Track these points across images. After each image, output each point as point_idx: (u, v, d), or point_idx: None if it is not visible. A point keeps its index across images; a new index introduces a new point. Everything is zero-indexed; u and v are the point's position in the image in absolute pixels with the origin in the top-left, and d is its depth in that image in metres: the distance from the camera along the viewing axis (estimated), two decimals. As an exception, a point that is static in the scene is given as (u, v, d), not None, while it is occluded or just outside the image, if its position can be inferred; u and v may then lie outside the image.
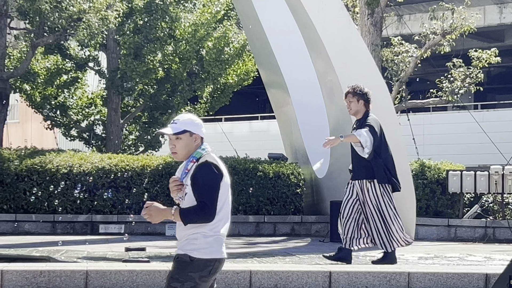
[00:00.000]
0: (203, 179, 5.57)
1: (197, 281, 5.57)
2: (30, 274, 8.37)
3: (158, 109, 25.01)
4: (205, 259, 5.58)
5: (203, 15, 23.55)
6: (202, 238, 5.60)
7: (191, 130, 5.72)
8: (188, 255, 5.62)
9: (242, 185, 16.47)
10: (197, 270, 5.59)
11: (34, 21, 20.14)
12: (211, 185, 5.57)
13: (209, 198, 5.54)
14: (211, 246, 5.59)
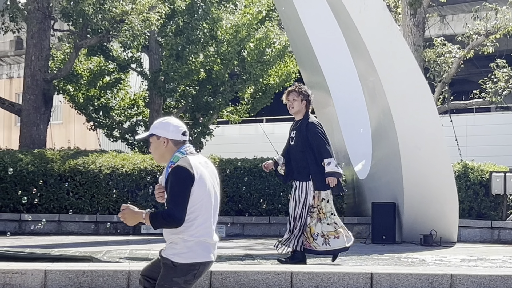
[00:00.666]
0: (171, 184, 5.58)
1: (183, 285, 5.62)
2: (73, 274, 8.45)
3: (199, 110, 25.08)
4: (188, 264, 5.61)
5: (245, 16, 23.58)
6: (182, 243, 5.63)
7: (157, 134, 5.74)
8: (171, 260, 5.64)
9: (283, 186, 16.44)
10: (181, 274, 5.62)
11: (78, 23, 20.33)
12: (177, 190, 5.55)
13: (174, 203, 5.54)
14: (191, 251, 5.61)
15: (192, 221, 5.60)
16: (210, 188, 5.71)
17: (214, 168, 5.92)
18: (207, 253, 5.67)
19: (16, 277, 8.35)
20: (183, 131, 5.80)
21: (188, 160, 5.65)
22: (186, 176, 5.56)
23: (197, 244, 5.63)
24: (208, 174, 5.76)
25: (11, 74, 45.35)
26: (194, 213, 5.60)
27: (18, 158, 16.13)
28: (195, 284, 8.43)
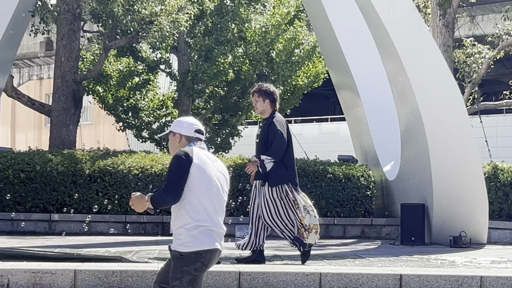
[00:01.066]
0: (169, 167, 5.99)
1: (193, 273, 5.82)
2: (102, 274, 8.50)
3: (228, 111, 25.11)
4: (194, 252, 5.82)
5: (273, 17, 23.58)
6: (185, 233, 5.86)
7: (173, 130, 6.23)
8: (178, 251, 5.86)
9: (311, 187, 16.43)
10: (189, 263, 5.82)
11: (107, 24, 20.43)
12: (172, 169, 5.93)
13: (168, 181, 5.90)
14: (196, 239, 5.83)
15: (191, 204, 5.88)
16: (212, 178, 5.99)
17: (223, 166, 6.23)
18: (211, 241, 5.88)
19: (46, 276, 8.42)
20: (196, 129, 6.21)
21: (191, 149, 6.03)
22: (183, 159, 5.92)
23: (201, 233, 5.84)
24: (214, 167, 6.07)
25: (41, 75, 45.68)
26: (193, 196, 5.89)
27: (48, 159, 16.23)
28: (223, 284, 8.46)
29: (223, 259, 10.23)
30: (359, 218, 16.43)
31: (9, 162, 16.08)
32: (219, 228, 5.98)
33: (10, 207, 15.86)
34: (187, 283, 5.80)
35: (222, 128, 25.72)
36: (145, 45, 24.75)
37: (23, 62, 44.84)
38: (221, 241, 5.99)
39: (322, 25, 18.04)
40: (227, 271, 8.65)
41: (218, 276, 8.56)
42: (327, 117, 39.54)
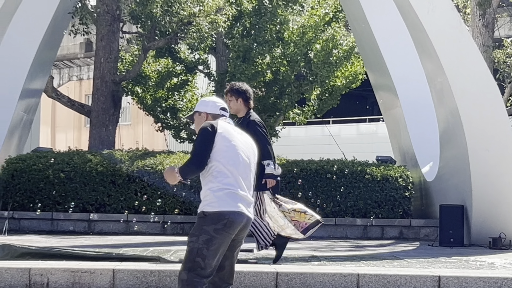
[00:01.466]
0: (195, 138, 6.21)
1: (212, 234, 5.92)
2: (140, 273, 8.55)
3: (266, 111, 25.10)
4: (217, 212, 5.96)
5: (312, 17, 23.55)
6: (211, 194, 6.03)
7: (199, 110, 6.44)
8: (202, 211, 6.03)
9: (349, 187, 16.40)
10: (211, 223, 5.95)
11: (146, 25, 20.54)
12: (197, 140, 6.15)
13: (193, 150, 6.13)
14: (221, 200, 5.98)
15: (218, 171, 6.05)
16: (238, 147, 6.16)
17: (250, 139, 6.41)
18: (235, 203, 6.02)
19: (85, 276, 8.49)
20: (221, 107, 6.42)
21: (216, 121, 6.24)
22: (208, 129, 6.12)
23: (226, 195, 6.00)
24: (240, 139, 6.25)
25: (81, 76, 46.03)
26: (220, 161, 6.06)
27: (88, 159, 16.37)
28: (260, 284, 8.46)
29: (260, 259, 10.25)
30: (397, 219, 16.36)
31: (49, 162, 16.24)
32: (245, 195, 6.10)
33: (50, 207, 16.02)
34: (203, 241, 5.92)
35: (260, 129, 25.68)
36: (184, 46, 24.84)
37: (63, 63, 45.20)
38: (248, 208, 6.12)
39: (360, 26, 17.99)
40: (265, 271, 8.66)
41: (255, 277, 8.57)
42: (365, 118, 39.39)
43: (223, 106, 6.44)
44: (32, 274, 8.50)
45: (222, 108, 6.42)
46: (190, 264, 5.93)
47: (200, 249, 5.91)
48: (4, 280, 8.44)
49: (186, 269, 5.96)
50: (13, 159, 16.47)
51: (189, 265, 5.94)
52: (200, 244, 5.91)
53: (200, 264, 5.90)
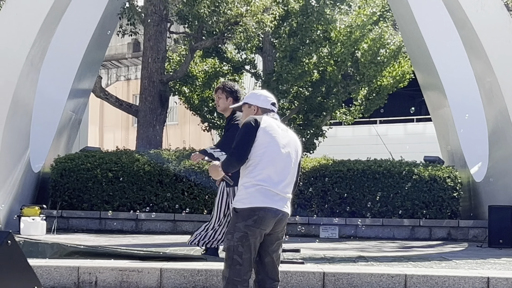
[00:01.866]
0: (238, 131, 6.21)
1: (244, 230, 5.97)
2: (188, 272, 8.57)
3: (312, 111, 25.06)
4: (247, 208, 5.99)
5: (359, 16, 23.45)
6: (243, 190, 6.07)
7: (249, 102, 6.45)
8: (234, 207, 6.09)
9: (397, 188, 16.30)
10: (242, 220, 6.00)
11: (193, 25, 20.62)
12: (239, 133, 6.15)
13: (235, 144, 6.14)
14: (252, 196, 6.00)
15: (254, 165, 6.08)
16: (279, 144, 6.15)
17: (295, 136, 6.41)
18: (267, 200, 6.02)
19: (133, 275, 8.54)
20: (272, 102, 6.47)
21: (261, 116, 6.26)
22: (251, 124, 6.14)
23: (258, 191, 6.01)
24: (283, 135, 6.24)
25: (129, 76, 46.33)
26: (257, 157, 6.08)
27: (135, 158, 16.47)
28: (307, 285, 8.44)
29: (307, 259, 10.24)
30: (445, 220, 16.22)
31: (97, 162, 16.38)
32: (280, 191, 6.10)
33: (98, 206, 16.15)
34: (237, 238, 5.98)
35: (306, 129, 25.67)
36: (231, 45, 24.90)
37: (111, 63, 45.54)
38: (283, 203, 6.13)
39: (408, 25, 17.88)
40: (311, 271, 8.63)
41: (302, 277, 8.55)
42: (412, 118, 39.11)
43: (273, 101, 6.47)
44: (80, 273, 8.57)
45: (272, 103, 6.46)
46: (230, 261, 6.03)
47: (235, 246, 5.99)
48: (53, 279, 8.52)
49: (227, 266, 6.06)
50: (62, 159, 16.64)
51: (229, 262, 6.04)
52: (235, 241, 5.99)
53: (238, 261, 5.98)
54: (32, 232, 14.01)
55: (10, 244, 7.20)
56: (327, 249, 12.61)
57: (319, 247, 12.96)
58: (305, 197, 16.24)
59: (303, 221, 16.06)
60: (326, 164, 16.66)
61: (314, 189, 16.28)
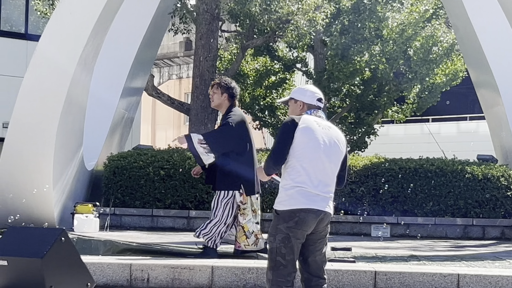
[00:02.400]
0: (277, 133, 6.18)
1: (286, 232, 5.97)
2: (239, 270, 8.59)
3: (364, 109, 24.97)
4: (288, 210, 5.98)
5: (411, 14, 23.28)
6: (283, 192, 6.07)
7: (295, 97, 6.37)
8: (275, 209, 6.09)
9: (449, 186, 16.16)
10: (283, 221, 5.99)
11: (245, 24, 20.66)
12: (278, 135, 6.15)
13: (273, 146, 6.16)
14: (292, 198, 5.98)
15: (293, 167, 6.04)
16: (319, 143, 6.07)
17: (339, 134, 6.29)
18: (307, 201, 5.98)
19: (185, 272, 8.58)
20: (318, 98, 6.37)
21: (300, 116, 6.20)
22: (288, 124, 6.10)
23: (297, 192, 5.98)
24: (324, 133, 6.13)
25: (181, 74, 46.59)
26: (295, 159, 6.04)
27: (187, 157, 16.54)
28: (358, 283, 8.41)
29: (358, 258, 10.20)
30: (499, 219, 16.04)
31: (150, 160, 16.49)
32: (320, 191, 6.05)
33: (150, 203, 16.26)
34: (279, 240, 5.97)
35: (358, 127, 25.59)
36: (282, 44, 24.90)
37: (163, 62, 45.83)
38: (325, 203, 6.08)
39: (461, 22, 17.71)
40: (363, 270, 8.60)
41: (353, 276, 8.52)
42: (465, 116, 38.75)
43: (320, 97, 6.38)
44: (133, 270, 8.64)
45: (318, 99, 6.38)
46: (273, 263, 6.02)
47: (278, 248, 5.99)
48: (106, 275, 8.60)
49: (270, 268, 6.05)
50: (115, 157, 16.79)
51: (272, 264, 6.02)
52: (278, 243, 5.99)
53: (281, 263, 5.97)
54: (85, 229, 14.17)
55: (64, 241, 7.29)
56: (379, 248, 12.56)
57: (371, 246, 12.91)
58: (356, 195, 16.17)
59: (354, 219, 16.00)
60: (377, 163, 16.57)
61: (366, 188, 16.21)
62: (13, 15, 26.44)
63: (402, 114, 25.78)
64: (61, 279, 7.22)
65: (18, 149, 14.11)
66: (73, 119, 14.93)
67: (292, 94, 6.41)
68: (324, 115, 6.40)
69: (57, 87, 13.92)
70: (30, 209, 14.27)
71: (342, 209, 16.08)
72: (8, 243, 7.49)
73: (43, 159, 14.02)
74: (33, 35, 24.47)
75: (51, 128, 13.88)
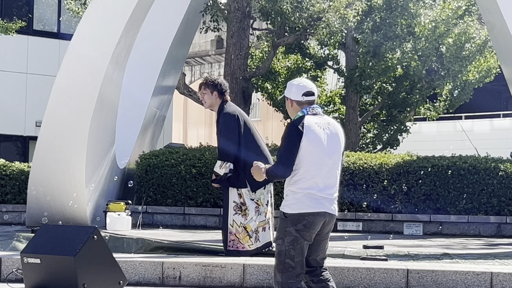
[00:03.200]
0: (281, 140, 6.03)
1: (295, 234, 5.97)
2: (270, 268, 8.58)
3: (396, 107, 24.87)
4: (297, 214, 5.98)
5: (444, 11, 23.14)
6: (291, 195, 6.04)
7: (286, 95, 6.24)
8: (283, 212, 6.08)
9: (482, 184, 16.04)
10: (292, 224, 5.99)
11: (276, 22, 20.64)
12: (284, 145, 5.98)
13: (280, 155, 5.99)
14: (299, 202, 5.98)
15: (300, 175, 5.99)
16: (324, 149, 6.01)
17: (337, 129, 6.16)
18: (315, 205, 6.00)
19: (216, 270, 8.60)
20: (305, 92, 6.14)
21: (301, 119, 6.02)
22: (294, 132, 5.96)
23: (305, 196, 5.99)
24: (325, 135, 6.04)
25: (212, 72, 46.63)
26: (302, 167, 5.98)
27: (218, 155, 16.55)
28: (390, 282, 8.38)
29: (390, 256, 10.16)
30: (533, 217, 15.91)
31: (181, 158, 16.53)
32: (326, 194, 6.04)
33: (182, 201, 16.30)
34: (288, 243, 5.98)
35: (390, 125, 25.49)
36: (313, 41, 24.85)
37: (195, 60, 45.92)
38: (330, 205, 6.07)
39: (494, 18, 17.56)
40: (395, 268, 8.56)
41: (385, 274, 8.49)
42: (499, 113, 38.47)
43: (307, 91, 6.14)
44: (165, 268, 8.67)
45: (306, 93, 6.13)
46: (282, 266, 6.01)
47: (287, 250, 5.99)
48: (138, 273, 8.64)
49: (279, 271, 6.03)
50: (147, 155, 16.85)
51: (281, 267, 6.01)
52: (287, 245, 5.99)
53: (290, 265, 5.98)
54: (117, 227, 14.24)
55: (96, 239, 7.33)
56: (411, 246, 12.50)
57: (403, 244, 12.85)
58: (388, 193, 16.10)
59: (386, 217, 15.93)
60: (410, 161, 16.49)
61: (398, 186, 16.14)
62: (46, 15, 26.64)
63: (435, 111, 25.64)
64: (93, 277, 7.26)
65: (51, 148, 14.21)
66: (106, 117, 15.01)
67: (285, 91, 6.29)
68: (320, 109, 6.17)
69: (89, 85, 14.00)
70: (63, 207, 14.37)
71: (374, 207, 16.04)
72: (41, 241, 7.55)
73: (75, 157, 14.10)
74: (65, 34, 24.65)
75: (84, 126, 13.96)
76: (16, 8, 25.87)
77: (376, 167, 16.27)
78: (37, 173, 14.42)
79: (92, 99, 13.96)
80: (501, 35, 17.66)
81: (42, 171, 14.37)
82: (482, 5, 18.51)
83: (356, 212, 16.02)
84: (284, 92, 6.26)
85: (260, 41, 24.29)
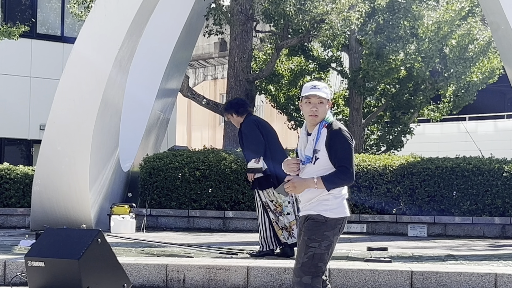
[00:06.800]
0: (342, 145, 5.92)
1: (332, 239, 5.99)
2: (274, 271, 8.59)
3: (400, 108, 24.86)
4: (336, 218, 5.99)
5: (447, 12, 23.12)
6: (333, 199, 5.99)
7: (327, 97, 6.13)
8: (322, 216, 5.98)
9: (487, 185, 16.03)
10: (331, 229, 5.98)
11: (279, 24, 20.65)
12: (349, 150, 5.94)
13: (349, 162, 5.93)
14: (341, 206, 6.01)
15: None
16: None
17: None
18: (348, 209, 6.10)
19: (221, 272, 8.60)
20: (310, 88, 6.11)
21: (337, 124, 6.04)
22: (350, 137, 5.99)
23: (343, 201, 6.05)
24: None
25: (215, 75, 46.70)
26: None
27: (222, 157, 16.58)
28: (395, 283, 8.38)
29: (395, 258, 10.15)
30: (538, 218, 15.89)
31: (185, 160, 16.54)
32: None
33: (186, 204, 16.31)
34: (325, 247, 5.96)
35: (393, 126, 25.48)
36: (316, 43, 24.85)
37: (198, 63, 45.97)
38: None
39: (497, 19, 17.55)
40: (399, 270, 8.56)
41: (389, 275, 8.48)
42: (503, 114, 38.44)
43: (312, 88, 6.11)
44: (169, 271, 8.67)
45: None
46: (314, 269, 5.93)
47: (322, 254, 5.94)
48: (143, 276, 8.64)
49: (309, 273, 5.91)
50: (151, 158, 16.86)
51: (313, 270, 5.93)
52: (323, 249, 5.94)
53: (322, 269, 5.95)
54: (122, 230, 14.24)
55: (100, 242, 7.34)
56: (415, 248, 12.49)
57: (407, 246, 12.84)
58: (392, 195, 16.10)
59: (391, 219, 15.93)
60: (414, 162, 16.48)
61: (402, 187, 16.13)
62: (49, 18, 26.67)
63: (438, 112, 25.62)
64: (97, 280, 7.26)
65: (54, 151, 14.22)
66: (109, 120, 15.02)
67: (328, 94, 6.18)
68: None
69: (93, 88, 14.01)
70: (67, 210, 14.38)
71: (378, 209, 16.03)
72: (45, 244, 7.55)
73: (79, 160, 14.12)
74: (69, 38, 24.67)
75: (88, 129, 13.97)
76: (20, 12, 25.91)
77: (380, 169, 16.27)
78: (41, 176, 14.43)
79: (95, 102, 13.97)
80: (504, 35, 17.65)
81: (46, 174, 14.38)
82: (484, 6, 18.51)
83: (360, 214, 16.03)
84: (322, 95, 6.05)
85: (263, 43, 24.30)
